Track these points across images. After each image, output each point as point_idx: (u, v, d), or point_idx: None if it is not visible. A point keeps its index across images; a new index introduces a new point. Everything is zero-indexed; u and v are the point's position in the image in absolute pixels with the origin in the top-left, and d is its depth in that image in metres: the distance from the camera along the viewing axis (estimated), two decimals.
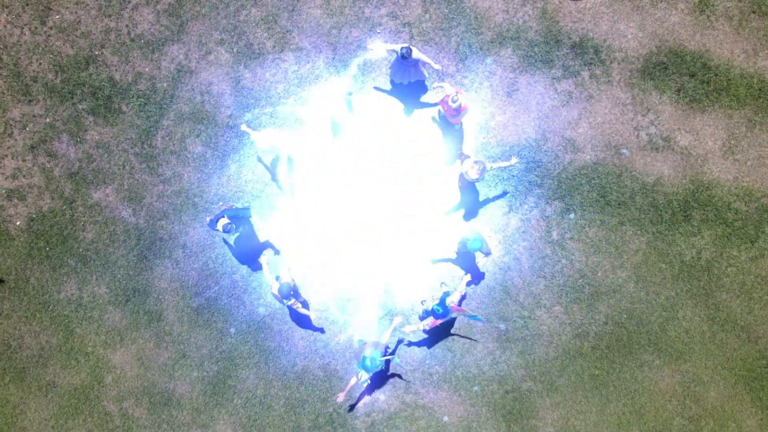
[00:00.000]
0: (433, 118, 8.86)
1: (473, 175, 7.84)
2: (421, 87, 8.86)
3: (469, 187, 8.80)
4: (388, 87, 8.90)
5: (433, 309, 7.87)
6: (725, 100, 8.78)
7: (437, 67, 8.25)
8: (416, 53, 7.85)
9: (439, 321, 8.07)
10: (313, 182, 8.96)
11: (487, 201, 8.84)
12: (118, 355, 9.01)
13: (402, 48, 7.69)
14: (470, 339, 8.79)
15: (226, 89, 8.97)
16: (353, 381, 7.91)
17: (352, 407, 8.78)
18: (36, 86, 9.03)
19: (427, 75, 8.62)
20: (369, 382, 8.24)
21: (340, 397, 8.15)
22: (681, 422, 8.81)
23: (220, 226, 7.88)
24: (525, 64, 8.87)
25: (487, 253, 8.20)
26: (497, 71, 8.88)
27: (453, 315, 8.13)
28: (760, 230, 8.78)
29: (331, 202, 8.95)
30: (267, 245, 8.87)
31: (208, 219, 8.70)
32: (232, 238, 8.85)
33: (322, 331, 8.82)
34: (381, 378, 8.77)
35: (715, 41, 8.81)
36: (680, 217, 8.80)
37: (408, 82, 8.50)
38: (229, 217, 8.01)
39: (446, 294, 7.98)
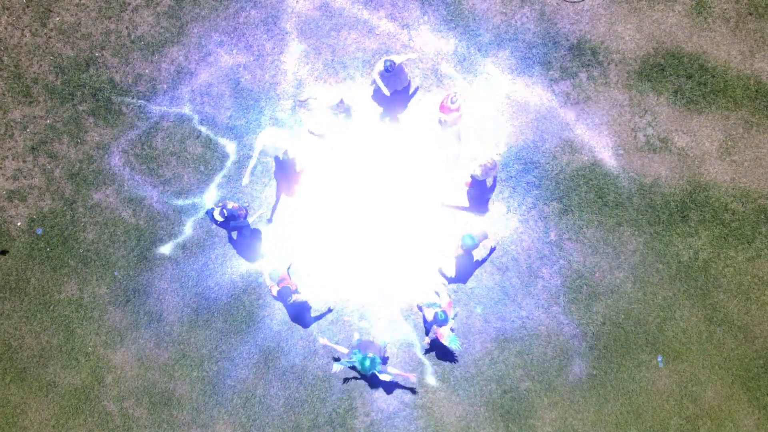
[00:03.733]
0: (439, 121, 8.90)
1: (485, 176, 8.02)
2: (408, 93, 8.91)
3: (475, 186, 8.83)
4: (380, 95, 8.94)
5: (435, 315, 7.90)
6: (722, 101, 8.83)
7: (414, 56, 8.43)
8: (397, 59, 7.97)
9: (442, 330, 8.11)
10: (314, 182, 9.00)
11: (488, 201, 8.88)
12: (119, 356, 9.05)
13: (385, 62, 7.79)
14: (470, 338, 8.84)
15: (225, 91, 9.01)
16: (343, 350, 8.18)
17: (336, 359, 8.76)
18: (37, 88, 9.07)
19: (410, 80, 8.72)
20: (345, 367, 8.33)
21: (322, 341, 8.32)
22: (678, 422, 8.86)
23: (217, 214, 7.95)
24: (523, 65, 8.91)
25: (484, 238, 8.37)
26: (495, 73, 8.92)
27: (451, 316, 8.17)
28: (756, 231, 8.83)
29: (331, 203, 8.99)
30: (266, 246, 8.92)
31: (202, 212, 8.81)
32: (234, 235, 8.86)
33: (306, 318, 8.88)
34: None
35: (712, 43, 8.86)
36: (677, 218, 8.84)
37: (394, 90, 8.58)
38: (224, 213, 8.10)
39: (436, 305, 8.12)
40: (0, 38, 9.09)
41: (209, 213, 8.01)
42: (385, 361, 8.68)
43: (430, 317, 8.10)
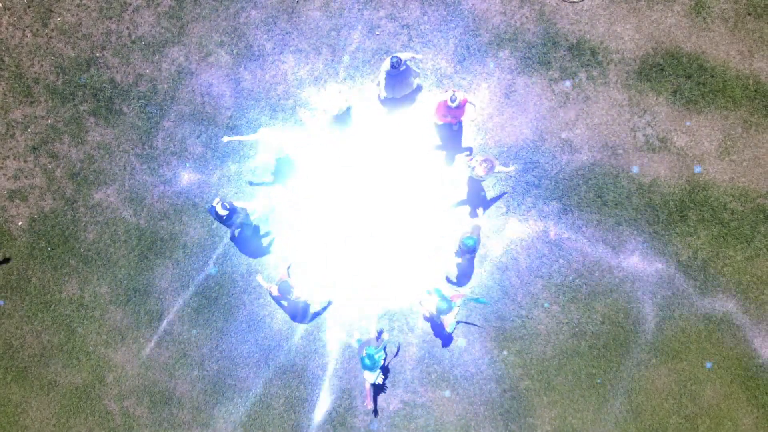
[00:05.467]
0: (441, 126, 8.91)
1: (480, 172, 7.90)
2: (415, 95, 8.92)
3: (473, 185, 8.86)
4: (382, 95, 8.94)
5: (438, 305, 7.84)
6: (721, 101, 8.85)
7: (419, 56, 8.41)
8: (404, 56, 7.93)
9: (446, 318, 7.99)
10: (314, 182, 9.02)
11: (486, 201, 8.91)
12: (119, 355, 9.08)
13: (392, 58, 7.79)
14: (470, 337, 8.87)
15: (226, 91, 9.04)
16: (367, 386, 7.98)
17: (375, 412, 8.86)
18: (37, 88, 9.10)
19: (416, 82, 8.69)
20: (382, 378, 8.29)
21: (369, 404, 8.19)
22: (677, 421, 8.88)
23: (219, 208, 7.77)
24: (523, 65, 8.93)
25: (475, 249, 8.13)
26: (495, 73, 8.95)
27: (457, 304, 7.91)
28: (755, 230, 8.85)
29: (331, 202, 9.01)
30: (267, 245, 8.95)
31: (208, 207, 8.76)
32: (236, 231, 8.82)
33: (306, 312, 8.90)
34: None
35: (711, 43, 8.88)
36: (677, 218, 8.87)
37: (401, 95, 8.59)
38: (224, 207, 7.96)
39: (438, 290, 8.05)
40: (1, 38, 9.11)
41: (211, 210, 7.97)
42: (379, 335, 8.64)
43: (433, 309, 8.00)
